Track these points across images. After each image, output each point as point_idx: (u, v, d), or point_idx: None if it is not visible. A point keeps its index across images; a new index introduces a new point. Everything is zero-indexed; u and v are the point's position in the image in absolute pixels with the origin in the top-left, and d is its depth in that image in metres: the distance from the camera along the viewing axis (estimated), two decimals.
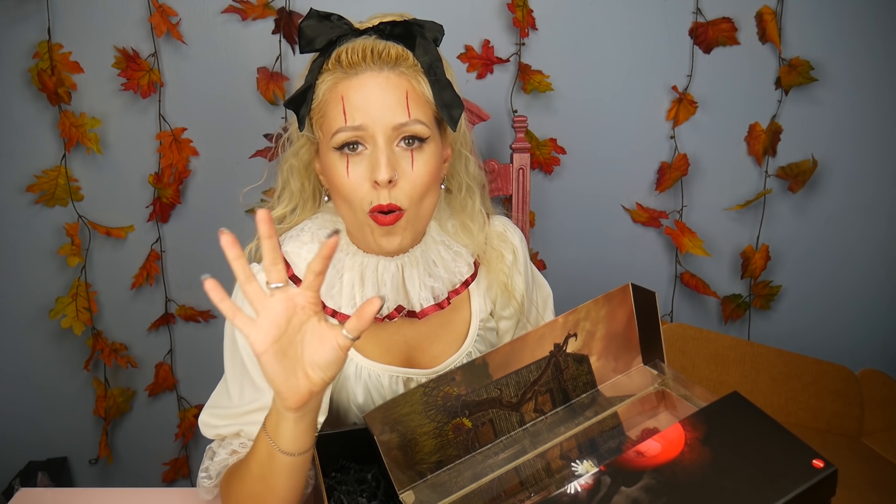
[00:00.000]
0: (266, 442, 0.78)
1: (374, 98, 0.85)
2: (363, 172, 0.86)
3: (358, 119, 0.85)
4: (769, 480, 0.68)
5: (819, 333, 1.78)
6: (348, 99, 0.85)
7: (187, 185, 1.61)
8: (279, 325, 0.69)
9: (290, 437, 0.76)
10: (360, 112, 0.85)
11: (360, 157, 0.87)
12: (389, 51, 0.86)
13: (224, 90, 1.57)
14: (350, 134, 0.85)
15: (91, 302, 1.62)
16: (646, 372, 0.91)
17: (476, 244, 1.01)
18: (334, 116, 0.86)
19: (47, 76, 1.50)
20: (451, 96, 0.88)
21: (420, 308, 0.97)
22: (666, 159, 1.67)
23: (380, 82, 0.85)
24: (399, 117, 0.85)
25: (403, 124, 0.85)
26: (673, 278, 1.74)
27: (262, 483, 0.81)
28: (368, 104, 0.85)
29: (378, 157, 0.85)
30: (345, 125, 0.85)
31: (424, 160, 0.87)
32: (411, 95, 0.86)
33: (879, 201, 1.72)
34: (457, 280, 1.00)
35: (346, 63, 0.85)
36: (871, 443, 1.49)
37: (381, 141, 0.85)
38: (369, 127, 0.85)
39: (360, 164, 0.86)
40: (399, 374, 0.98)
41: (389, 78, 0.85)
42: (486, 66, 1.58)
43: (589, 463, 0.83)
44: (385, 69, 0.85)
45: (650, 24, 1.60)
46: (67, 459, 1.74)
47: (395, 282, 0.96)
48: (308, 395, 0.72)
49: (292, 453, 0.77)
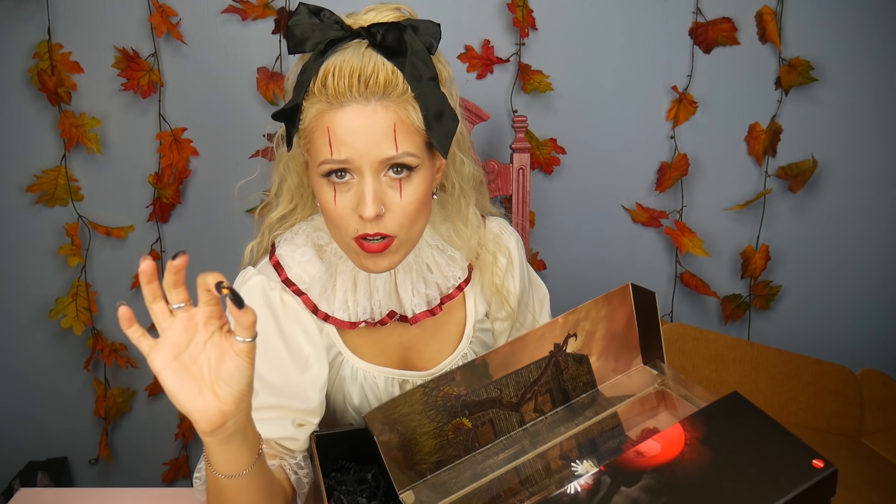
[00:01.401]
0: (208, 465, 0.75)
1: (360, 132, 0.81)
2: (350, 202, 0.84)
3: (344, 153, 0.82)
4: (769, 480, 0.68)
5: (819, 333, 1.78)
6: (334, 132, 0.82)
7: (187, 185, 1.61)
8: (178, 344, 0.69)
9: (220, 460, 0.73)
10: (346, 146, 0.81)
11: (347, 185, 0.84)
12: (378, 76, 0.81)
13: (224, 90, 1.57)
14: (335, 165, 0.83)
15: (91, 302, 1.62)
16: (646, 372, 0.91)
17: (469, 247, 1.00)
18: (320, 146, 0.83)
19: (47, 76, 1.50)
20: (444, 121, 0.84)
21: (412, 314, 0.97)
22: (666, 159, 1.67)
23: (366, 116, 0.81)
24: (387, 151, 0.82)
25: (391, 158, 0.82)
26: (673, 278, 1.74)
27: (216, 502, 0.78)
28: (355, 138, 0.81)
29: (364, 192, 0.82)
30: (331, 157, 0.82)
31: (413, 189, 0.84)
32: (399, 128, 0.82)
33: (879, 201, 1.72)
34: (451, 284, 1.00)
35: (332, 92, 0.81)
36: (871, 443, 1.48)
37: (367, 175, 0.82)
38: (355, 161, 0.82)
39: (346, 194, 0.84)
40: (394, 376, 0.98)
41: (377, 111, 0.81)
42: (486, 66, 1.58)
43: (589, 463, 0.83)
44: (372, 101, 0.81)
45: (650, 24, 1.60)
46: (67, 459, 1.74)
47: (387, 287, 0.96)
48: (219, 415, 0.67)
49: (230, 475, 0.74)
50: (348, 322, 0.95)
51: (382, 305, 0.96)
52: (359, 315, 0.95)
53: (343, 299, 0.95)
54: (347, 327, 0.95)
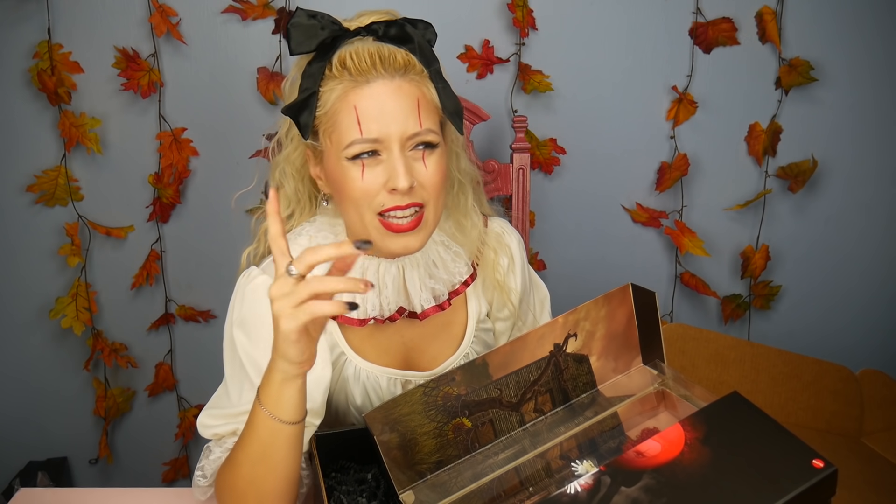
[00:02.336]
0: (266, 419, 0.78)
1: (388, 108, 0.83)
2: (378, 177, 0.85)
3: (374, 131, 0.83)
4: (769, 480, 0.68)
5: (819, 333, 1.78)
6: (362, 109, 0.83)
7: (187, 185, 1.61)
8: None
9: (294, 404, 0.78)
10: (375, 123, 0.83)
11: (375, 161, 0.86)
12: (396, 56, 0.85)
13: (224, 90, 1.57)
14: (366, 146, 0.84)
15: (91, 302, 1.62)
16: (646, 372, 0.92)
17: (471, 242, 1.01)
18: (347, 127, 0.84)
19: (47, 76, 1.50)
20: (455, 102, 0.88)
21: (421, 309, 0.97)
22: (666, 159, 1.67)
23: (392, 90, 0.84)
24: (412, 127, 0.84)
25: (416, 134, 0.85)
26: (673, 278, 1.74)
27: (262, 464, 0.81)
28: (383, 114, 0.83)
29: (395, 166, 0.84)
30: (360, 137, 0.84)
31: (436, 161, 0.88)
32: (422, 103, 0.86)
33: (879, 201, 1.72)
34: (456, 280, 1.00)
35: (356, 70, 0.83)
36: (871, 443, 1.48)
37: (395, 149, 0.84)
38: (384, 139, 0.84)
39: (374, 169, 0.85)
40: (397, 377, 0.99)
41: (401, 86, 0.84)
42: (486, 66, 1.59)
43: (589, 463, 0.83)
44: (396, 77, 0.84)
45: (650, 24, 1.60)
46: (67, 459, 1.74)
47: (396, 284, 0.96)
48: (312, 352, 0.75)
49: (296, 420, 0.79)
50: (357, 320, 0.95)
51: (391, 301, 0.96)
52: (368, 312, 0.95)
53: (350, 297, 0.95)
54: (357, 325, 0.95)
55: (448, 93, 0.88)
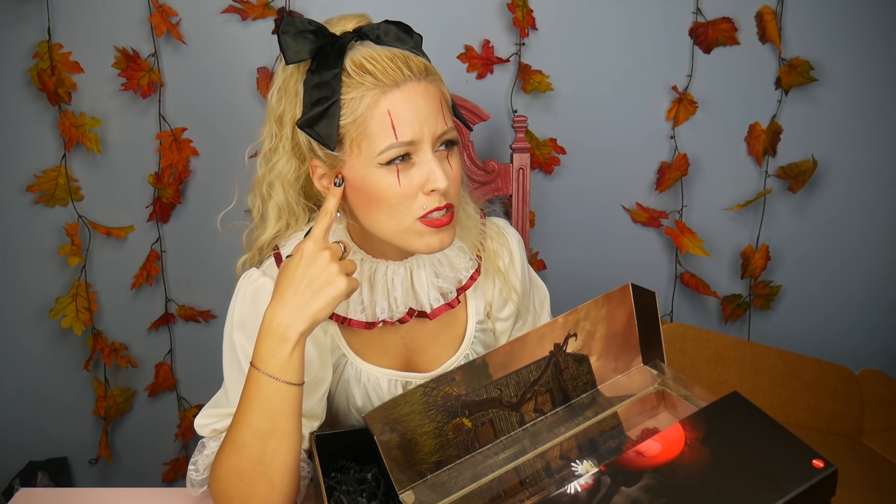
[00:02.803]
0: (273, 386, 0.81)
1: (422, 109, 0.84)
2: (414, 182, 0.85)
3: (408, 134, 0.83)
4: (769, 480, 0.68)
5: (819, 333, 1.78)
6: (396, 113, 0.83)
7: (187, 185, 1.61)
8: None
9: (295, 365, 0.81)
10: (409, 126, 0.83)
11: (408, 165, 0.85)
12: (412, 59, 0.85)
13: (224, 90, 1.57)
14: (401, 149, 0.84)
15: (91, 302, 1.62)
16: (646, 372, 0.91)
17: (471, 234, 1.01)
18: (380, 133, 0.83)
19: (47, 76, 1.50)
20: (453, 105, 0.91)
21: (431, 309, 0.97)
22: (666, 159, 1.67)
23: (421, 92, 0.84)
24: (440, 126, 0.85)
25: (444, 132, 0.86)
26: (673, 278, 1.74)
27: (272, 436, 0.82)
28: (417, 116, 0.83)
29: (433, 168, 0.84)
30: (396, 141, 0.83)
31: (457, 159, 0.89)
32: (443, 102, 0.87)
33: (879, 201, 1.72)
34: (462, 276, 1.00)
35: (382, 74, 0.83)
36: (871, 443, 1.49)
37: (429, 151, 0.85)
38: (418, 140, 0.84)
39: (409, 174, 0.85)
40: (398, 378, 0.99)
41: (428, 88, 0.85)
42: (486, 66, 1.58)
43: (589, 463, 0.83)
44: (422, 79, 0.85)
45: (650, 24, 1.60)
46: (67, 459, 1.74)
47: (405, 285, 0.96)
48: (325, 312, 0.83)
49: (301, 382, 0.82)
50: (365, 322, 0.95)
51: (400, 303, 0.96)
52: (377, 315, 0.95)
53: (358, 300, 0.95)
54: (365, 328, 0.95)
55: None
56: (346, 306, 0.95)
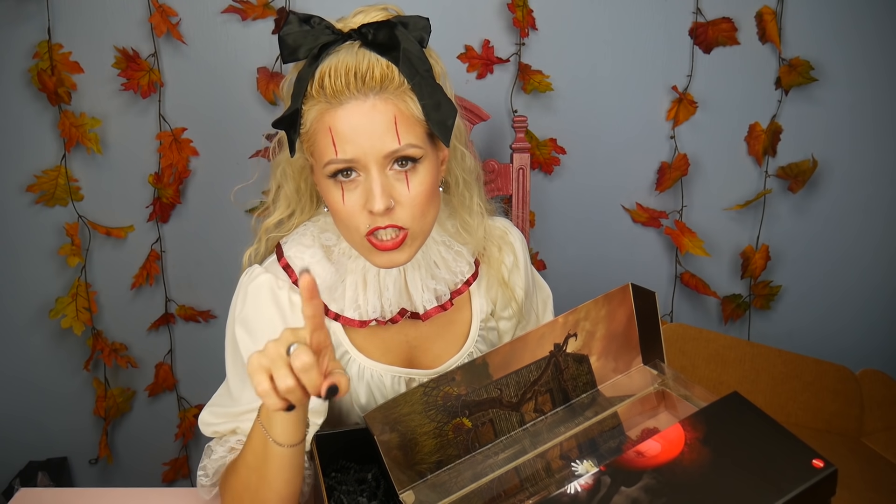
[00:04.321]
0: (261, 431, 0.80)
1: (362, 128, 0.82)
2: (358, 200, 0.84)
3: (349, 152, 0.82)
4: (769, 480, 0.69)
5: (819, 333, 1.78)
6: (336, 131, 0.82)
7: (187, 185, 1.61)
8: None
9: (280, 429, 0.79)
10: (350, 144, 0.82)
11: (355, 183, 0.85)
12: (374, 72, 0.82)
13: (224, 90, 1.57)
14: (341, 165, 0.83)
15: (91, 302, 1.62)
16: (646, 372, 0.92)
17: (476, 240, 1.01)
18: (324, 147, 0.84)
19: (47, 76, 1.50)
20: (443, 111, 0.84)
21: (423, 310, 0.98)
22: (666, 159, 1.67)
23: (366, 111, 0.82)
24: (389, 145, 0.82)
25: (395, 151, 0.83)
26: (673, 278, 1.74)
27: (257, 473, 0.82)
28: (357, 135, 0.82)
29: (372, 188, 0.82)
30: (336, 157, 0.83)
31: (419, 179, 0.85)
32: (400, 120, 0.83)
33: (879, 201, 1.72)
34: (459, 280, 1.00)
35: (331, 92, 0.82)
36: (871, 443, 1.49)
37: (373, 170, 0.83)
38: (360, 158, 0.83)
39: (354, 192, 0.85)
40: (401, 375, 0.99)
41: (376, 105, 0.82)
42: (486, 66, 1.59)
43: (589, 463, 0.83)
44: (370, 96, 0.82)
45: (650, 24, 1.60)
46: (67, 459, 1.74)
47: (397, 285, 0.96)
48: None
49: (284, 444, 0.79)
50: (358, 321, 0.95)
51: (393, 303, 0.96)
52: (369, 314, 0.95)
53: (353, 298, 0.95)
54: (357, 326, 0.96)
55: (437, 98, 0.84)
56: (341, 304, 0.95)
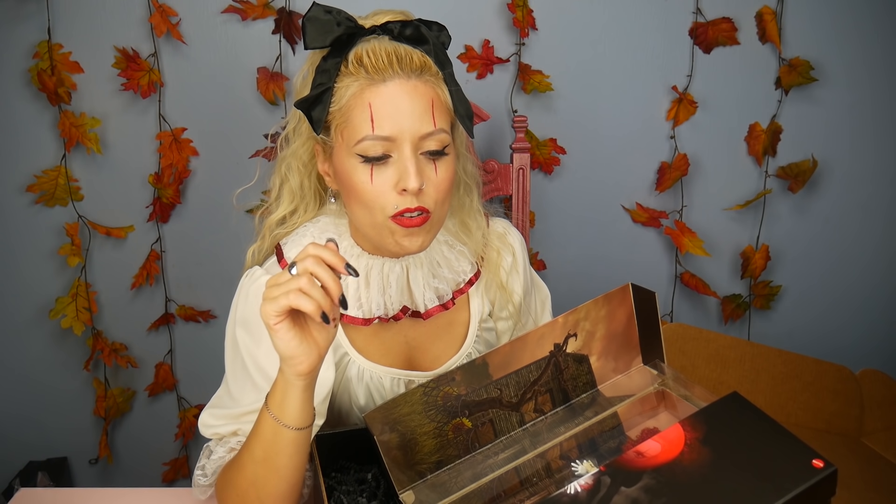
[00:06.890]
0: (270, 421, 0.79)
1: (403, 107, 0.84)
2: (388, 179, 0.85)
3: (386, 129, 0.84)
4: (769, 480, 0.69)
5: (819, 333, 1.78)
6: (377, 107, 0.84)
7: (187, 185, 1.61)
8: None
9: (296, 409, 0.78)
10: (388, 121, 0.84)
11: (385, 164, 0.86)
12: (413, 57, 0.85)
13: (224, 90, 1.57)
14: (376, 143, 0.84)
15: (91, 302, 1.62)
16: (646, 372, 0.92)
17: (475, 242, 1.01)
18: (359, 123, 0.85)
19: (47, 76, 1.50)
20: (466, 105, 0.89)
21: (425, 309, 0.98)
22: (666, 159, 1.67)
23: (408, 90, 0.84)
24: (426, 126, 0.85)
25: (429, 133, 0.85)
26: (673, 278, 1.74)
27: (264, 465, 0.82)
28: (398, 113, 0.84)
29: (407, 166, 0.84)
30: (372, 133, 0.84)
31: (446, 166, 0.88)
32: (436, 104, 0.86)
33: (879, 201, 1.72)
34: (461, 280, 1.01)
35: (373, 69, 0.84)
36: (870, 443, 1.49)
37: (407, 150, 0.84)
38: (396, 136, 0.84)
39: (384, 172, 0.86)
40: (400, 376, 0.99)
41: (417, 86, 0.85)
42: (486, 66, 1.59)
43: (589, 463, 0.83)
44: (412, 77, 0.85)
45: (650, 24, 1.60)
46: (67, 459, 1.74)
47: (399, 283, 0.97)
48: (318, 357, 0.76)
49: (298, 426, 0.79)
50: (362, 319, 0.95)
51: (395, 301, 0.96)
52: (372, 311, 0.96)
53: (356, 297, 0.96)
54: (361, 324, 0.96)
55: (461, 96, 0.89)
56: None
